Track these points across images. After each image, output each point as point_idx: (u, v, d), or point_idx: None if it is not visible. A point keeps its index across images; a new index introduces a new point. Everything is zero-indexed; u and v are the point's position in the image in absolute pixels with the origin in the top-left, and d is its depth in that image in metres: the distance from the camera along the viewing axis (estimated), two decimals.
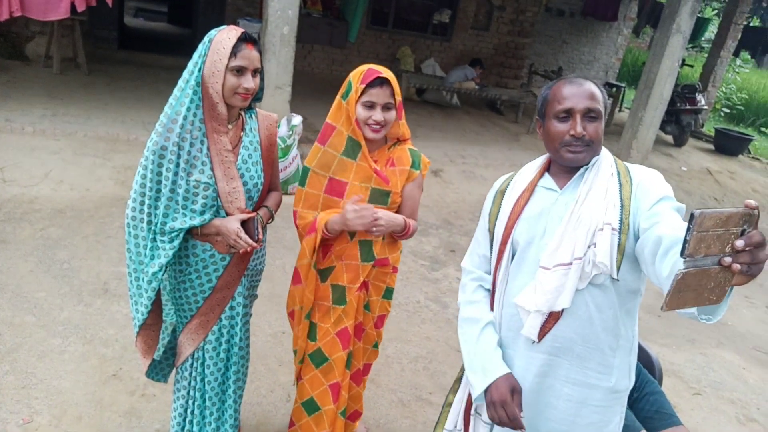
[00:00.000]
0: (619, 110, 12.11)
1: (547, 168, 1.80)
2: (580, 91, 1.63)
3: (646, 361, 2.64)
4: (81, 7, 5.32)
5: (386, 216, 2.13)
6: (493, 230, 1.81)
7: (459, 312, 1.89)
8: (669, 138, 10.64)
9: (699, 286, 1.22)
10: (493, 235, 1.81)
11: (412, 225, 2.27)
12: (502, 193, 1.83)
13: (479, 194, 6.40)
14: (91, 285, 3.60)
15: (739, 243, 1.15)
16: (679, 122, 10.25)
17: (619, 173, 1.68)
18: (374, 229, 2.09)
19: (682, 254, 1.17)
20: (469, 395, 1.90)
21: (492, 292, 1.84)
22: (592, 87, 1.65)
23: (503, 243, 1.76)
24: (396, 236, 2.27)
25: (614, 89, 11.61)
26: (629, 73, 17.02)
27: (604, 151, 1.74)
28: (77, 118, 5.73)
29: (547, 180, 1.76)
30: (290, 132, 5.44)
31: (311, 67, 10.30)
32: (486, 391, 1.70)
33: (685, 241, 1.16)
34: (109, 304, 3.45)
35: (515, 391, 1.67)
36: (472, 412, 1.91)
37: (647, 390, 2.49)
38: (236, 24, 8.14)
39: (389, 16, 10.81)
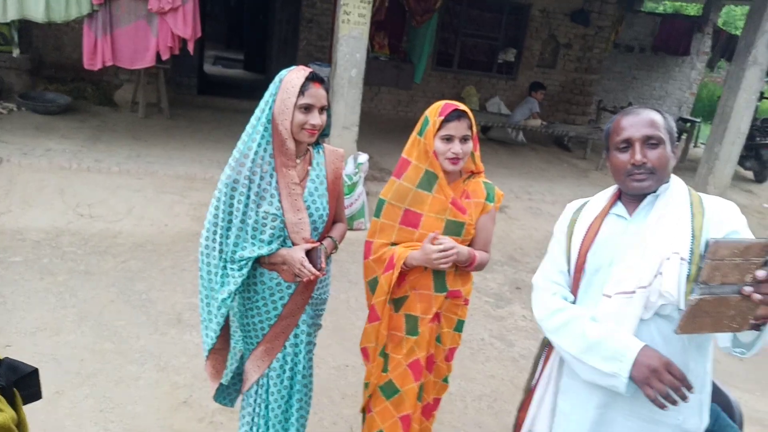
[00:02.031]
0: (694, 146, 11.69)
1: (620, 196, 1.78)
2: (637, 120, 1.63)
3: (724, 405, 2.49)
4: (165, 56, 5.71)
5: (459, 249, 2.16)
6: (569, 256, 1.78)
7: (546, 325, 1.77)
8: (749, 174, 10.15)
9: (717, 313, 1.24)
10: (569, 262, 1.78)
11: (478, 256, 2.26)
12: (574, 220, 1.82)
13: (546, 231, 6.29)
14: (166, 315, 3.77)
15: (761, 273, 1.16)
16: (759, 157, 9.79)
17: (692, 203, 1.65)
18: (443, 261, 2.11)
19: (697, 281, 1.18)
20: (522, 410, 1.88)
21: None
22: (651, 114, 1.64)
23: (578, 270, 1.74)
24: (462, 267, 2.28)
25: (688, 124, 11.24)
26: (704, 108, 16.46)
27: (676, 180, 1.71)
28: (159, 159, 6.09)
29: (619, 207, 1.74)
30: (356, 170, 5.58)
31: (378, 109, 10.54)
32: (633, 371, 1.52)
33: (700, 269, 1.18)
34: (182, 333, 3.60)
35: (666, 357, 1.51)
36: (523, 429, 1.87)
37: None
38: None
39: (454, 57, 10.97)
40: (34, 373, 0.79)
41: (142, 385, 3.09)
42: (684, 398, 1.46)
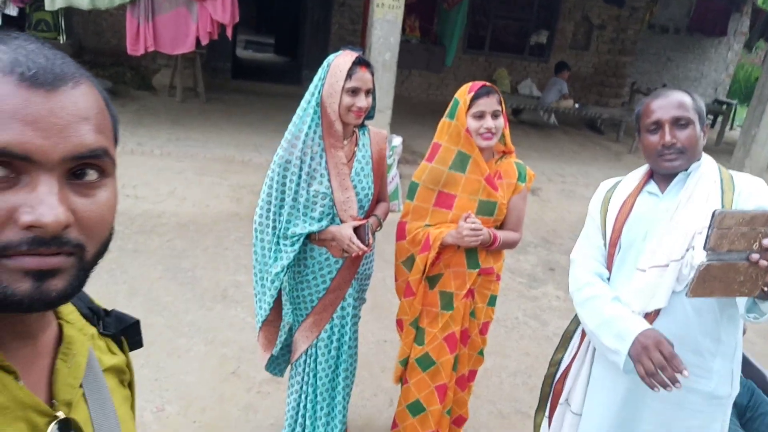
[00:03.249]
0: (731, 128, 11.48)
1: (652, 174, 1.85)
2: (667, 102, 1.69)
3: (760, 381, 2.55)
4: (205, 41, 5.86)
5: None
6: (604, 232, 1.86)
7: (575, 298, 1.86)
8: None
9: (727, 279, 1.32)
10: (604, 237, 1.86)
11: (501, 237, 2.30)
12: (608, 198, 1.89)
13: (579, 213, 6.30)
14: (211, 292, 3.93)
15: (767, 241, 1.22)
16: None
17: (722, 180, 1.71)
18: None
19: (704, 247, 1.27)
20: (558, 382, 1.97)
21: None
22: (679, 96, 1.70)
23: (612, 245, 1.82)
24: (485, 247, 2.34)
25: (724, 106, 11.04)
26: (742, 89, 16.08)
27: (707, 158, 1.77)
28: (197, 142, 6.26)
29: (651, 185, 1.81)
30: (390, 152, 5.67)
31: (408, 92, 10.58)
32: (631, 348, 1.58)
33: (707, 236, 1.27)
34: (228, 309, 3.76)
35: (666, 338, 1.55)
36: (561, 401, 1.96)
37: (762, 410, 2.42)
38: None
39: (485, 40, 10.93)
40: (137, 323, 0.88)
41: (192, 357, 3.25)
42: (674, 382, 1.47)
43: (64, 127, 0.58)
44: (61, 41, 6.32)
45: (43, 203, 0.56)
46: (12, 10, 5.74)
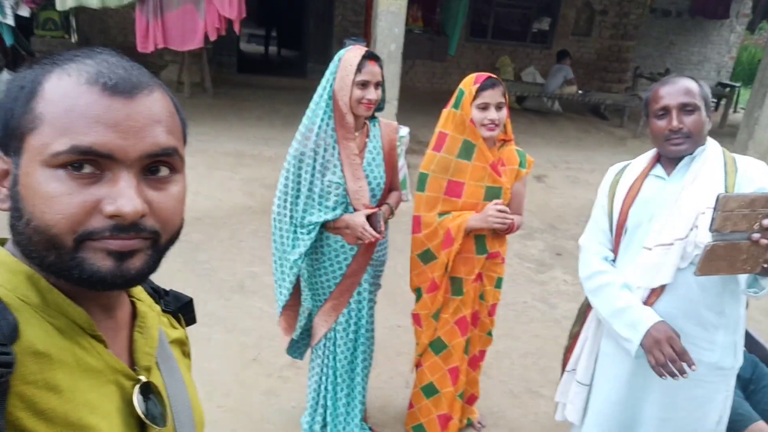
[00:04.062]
0: (734, 111, 11.49)
1: (659, 158, 1.94)
2: (674, 89, 1.78)
3: (762, 356, 2.64)
4: (213, 37, 5.94)
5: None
6: (611, 214, 1.96)
7: (586, 285, 1.98)
8: None
9: (730, 257, 1.45)
10: (611, 219, 1.96)
11: (516, 222, 2.44)
12: (616, 181, 1.99)
13: (585, 199, 6.38)
14: (229, 283, 4.05)
15: (767, 222, 1.35)
16: None
17: (725, 163, 1.80)
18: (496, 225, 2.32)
19: (710, 229, 1.39)
20: (568, 351, 2.09)
21: None
22: (687, 83, 1.78)
23: (619, 227, 1.92)
24: (503, 233, 2.45)
25: (728, 89, 11.05)
26: (745, 72, 16.02)
27: (712, 142, 1.86)
28: (207, 136, 6.37)
29: (658, 169, 1.90)
30: (398, 143, 5.75)
31: (413, 82, 10.63)
32: (643, 340, 1.73)
33: (712, 219, 1.39)
34: (246, 299, 3.88)
35: (675, 333, 1.71)
36: (568, 368, 2.07)
37: (764, 383, 2.50)
38: (343, 44, 8.64)
39: (488, 28, 10.96)
40: (191, 301, 0.99)
41: (214, 345, 3.37)
42: (681, 372, 1.64)
43: (141, 129, 0.67)
44: (73, 40, 6.40)
45: (123, 195, 0.65)
46: (24, 11, 5.84)
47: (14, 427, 0.60)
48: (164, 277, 0.77)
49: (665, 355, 1.66)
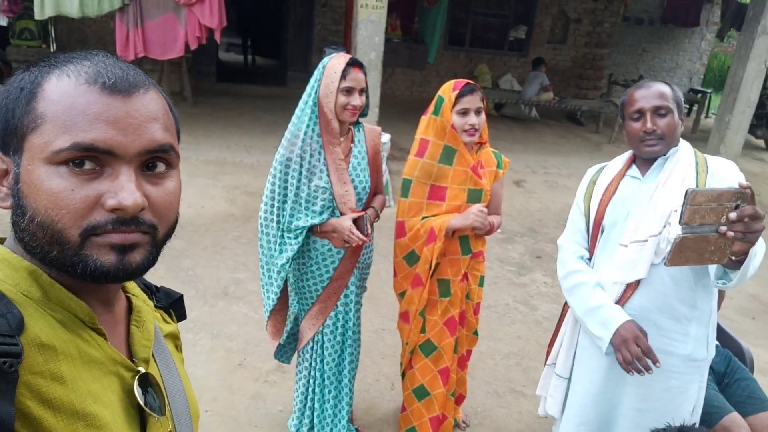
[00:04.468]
0: (706, 116, 11.78)
1: (634, 159, 2.02)
2: (649, 93, 1.86)
3: (736, 351, 2.74)
4: (194, 46, 5.95)
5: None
6: (587, 214, 2.04)
7: (562, 284, 2.08)
8: (760, 142, 10.26)
9: (699, 249, 1.55)
10: (588, 218, 2.04)
11: (496, 222, 2.52)
12: (594, 182, 2.07)
13: (563, 203, 6.50)
14: (213, 289, 4.06)
15: (732, 215, 1.46)
16: None
17: (697, 164, 1.89)
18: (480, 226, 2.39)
19: (679, 222, 1.49)
20: (549, 346, 2.17)
21: None
22: (660, 87, 1.87)
23: (596, 226, 2.00)
24: (484, 233, 2.52)
25: (699, 95, 11.33)
26: (716, 78, 16.44)
27: (685, 144, 1.95)
28: (188, 145, 6.36)
29: (633, 169, 1.99)
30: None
31: (392, 90, 10.72)
32: (613, 338, 1.83)
33: (681, 212, 1.48)
34: (230, 305, 3.89)
35: (643, 332, 1.82)
36: (548, 362, 2.15)
37: (738, 376, 2.59)
38: (322, 53, 8.69)
39: (466, 36, 11.11)
40: (181, 297, 1.01)
41: (200, 351, 3.38)
42: (647, 369, 1.77)
43: (139, 126, 0.70)
44: (52, 50, 6.36)
45: (124, 189, 0.68)
46: (2, 20, 5.79)
47: (23, 416, 0.62)
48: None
49: (631, 353, 1.77)
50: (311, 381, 2.64)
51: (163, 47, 5.87)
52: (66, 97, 0.67)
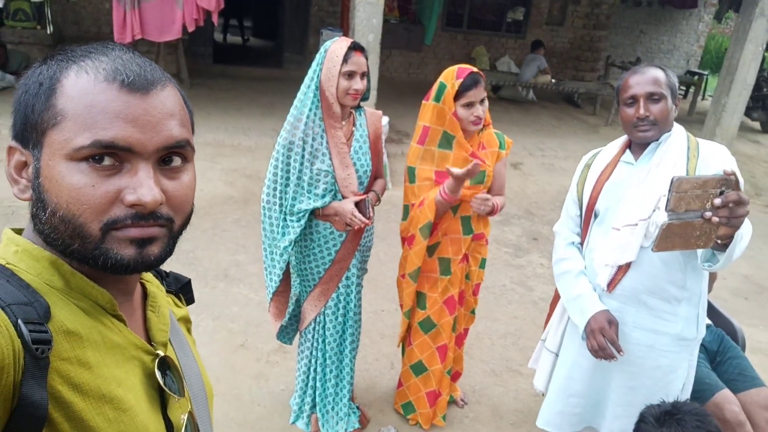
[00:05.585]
0: (702, 98, 11.78)
1: (629, 144, 2.06)
2: (643, 79, 1.90)
3: (729, 330, 2.80)
4: (191, 28, 5.92)
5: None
6: (581, 198, 2.09)
7: (554, 270, 2.18)
8: (756, 125, 10.29)
9: (685, 234, 1.60)
10: (581, 203, 2.09)
11: (499, 203, 2.56)
12: (588, 166, 2.11)
13: (560, 185, 6.55)
14: (213, 271, 4.10)
15: (717, 201, 1.51)
16: (766, 108, 9.92)
17: (689, 148, 1.93)
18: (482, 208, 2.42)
19: (665, 209, 1.53)
20: (545, 323, 2.25)
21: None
22: (654, 73, 1.90)
23: (589, 210, 2.04)
24: (487, 215, 2.56)
25: (696, 77, 11.32)
26: (713, 60, 16.42)
27: (678, 128, 1.98)
28: None
29: (627, 155, 2.02)
30: None
31: (389, 72, 10.68)
32: (585, 327, 1.98)
33: (668, 200, 1.52)
34: (231, 287, 3.94)
35: (612, 322, 1.93)
36: (542, 337, 2.24)
37: (730, 354, 2.65)
38: (319, 34, 8.64)
39: (463, 17, 11.04)
40: (189, 282, 1.04)
41: (201, 332, 3.43)
42: (612, 357, 1.92)
43: (157, 123, 0.71)
44: (48, 32, 6.31)
45: (143, 185, 0.69)
46: None
47: (55, 400, 0.65)
48: None
49: (597, 342, 1.92)
50: (313, 361, 2.70)
51: (161, 29, 5.84)
52: (86, 95, 0.68)
